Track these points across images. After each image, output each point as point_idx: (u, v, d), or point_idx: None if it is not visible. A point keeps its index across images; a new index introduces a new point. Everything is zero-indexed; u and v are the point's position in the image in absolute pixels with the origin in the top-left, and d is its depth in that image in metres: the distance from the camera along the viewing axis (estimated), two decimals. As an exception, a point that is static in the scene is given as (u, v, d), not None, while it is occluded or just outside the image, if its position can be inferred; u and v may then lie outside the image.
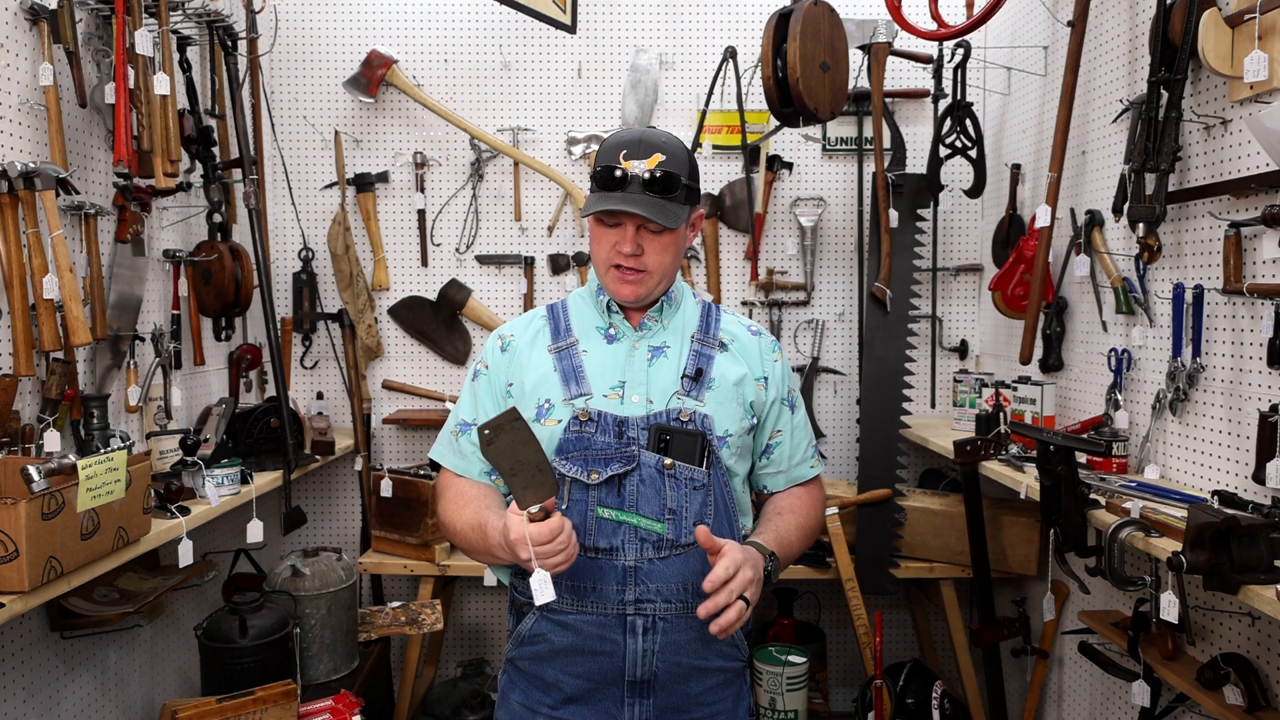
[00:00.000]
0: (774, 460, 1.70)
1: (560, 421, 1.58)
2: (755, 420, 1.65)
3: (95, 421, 2.23)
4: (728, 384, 1.62)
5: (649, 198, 1.55)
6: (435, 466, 1.85)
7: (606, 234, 1.59)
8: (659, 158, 1.56)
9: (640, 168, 1.55)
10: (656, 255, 1.58)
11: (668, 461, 1.55)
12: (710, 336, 1.66)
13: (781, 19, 2.72)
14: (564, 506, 1.55)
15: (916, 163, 3.18)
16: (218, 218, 2.80)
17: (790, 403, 1.71)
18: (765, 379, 1.67)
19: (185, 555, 2.19)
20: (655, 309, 1.66)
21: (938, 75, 2.99)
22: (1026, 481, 2.32)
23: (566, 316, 1.70)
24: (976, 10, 2.60)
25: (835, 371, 3.37)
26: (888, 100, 3.19)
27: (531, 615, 1.61)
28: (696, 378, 1.60)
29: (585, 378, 1.61)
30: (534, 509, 1.36)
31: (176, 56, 2.58)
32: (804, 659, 2.89)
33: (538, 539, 1.37)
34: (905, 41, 3.04)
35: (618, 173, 1.55)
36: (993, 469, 2.54)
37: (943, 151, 2.98)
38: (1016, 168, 3.00)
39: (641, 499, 1.55)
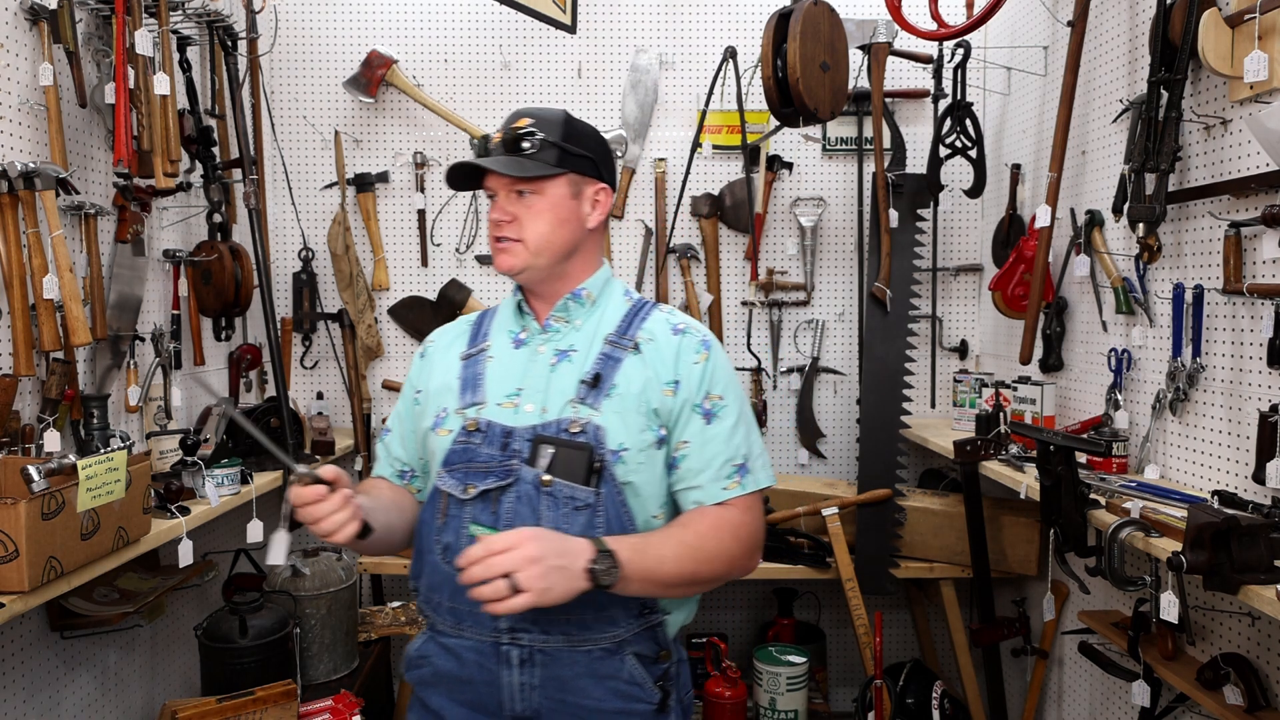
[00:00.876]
0: (680, 476, 1.48)
1: (451, 432, 1.49)
2: (664, 431, 1.47)
3: (95, 421, 2.23)
4: (631, 391, 1.46)
5: (504, 157, 1.48)
6: None
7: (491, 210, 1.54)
8: (525, 121, 1.49)
9: (504, 134, 1.51)
10: (530, 222, 1.49)
11: (545, 478, 1.41)
12: (626, 338, 1.51)
13: (781, 19, 2.72)
14: (440, 522, 1.47)
15: (916, 163, 3.18)
16: (218, 218, 2.80)
17: (707, 411, 1.48)
18: (676, 383, 1.47)
19: (185, 555, 2.19)
20: (561, 308, 1.54)
21: (938, 75, 2.99)
22: (1026, 481, 2.32)
23: (489, 322, 1.62)
24: (976, 10, 2.60)
25: (835, 371, 3.37)
26: (888, 100, 3.19)
27: (422, 635, 1.54)
28: (595, 384, 1.45)
29: (483, 385, 1.51)
30: (302, 469, 1.32)
31: (176, 56, 2.58)
32: (804, 659, 2.89)
33: (298, 499, 1.31)
34: (905, 41, 3.04)
35: (481, 140, 1.54)
36: (993, 469, 2.54)
37: (943, 151, 2.98)
38: (1016, 168, 3.00)
39: (517, 518, 1.41)
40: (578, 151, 1.51)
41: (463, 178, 1.54)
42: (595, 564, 1.31)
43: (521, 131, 1.48)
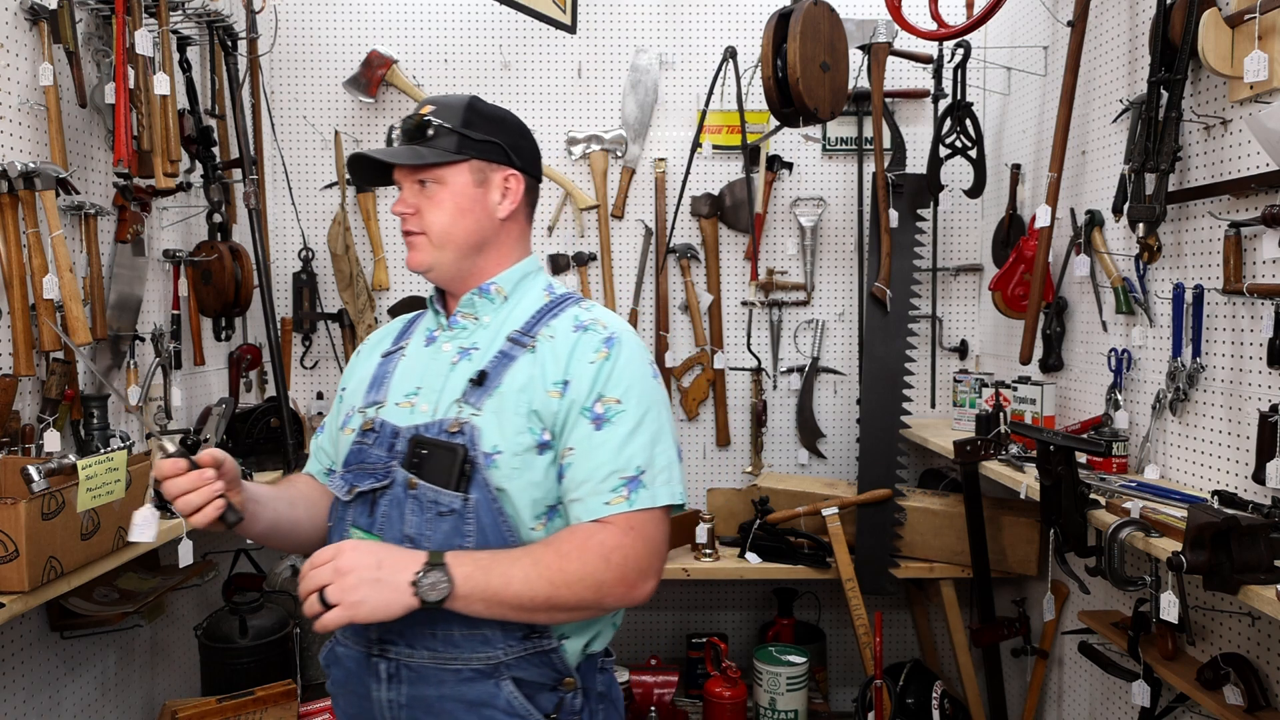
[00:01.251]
0: (565, 487, 1.34)
1: (353, 431, 1.45)
2: (548, 435, 1.34)
3: (95, 421, 2.23)
4: (512, 390, 1.35)
5: (403, 146, 1.44)
6: None
7: None
8: (427, 109, 1.44)
9: (404, 123, 1.46)
10: (430, 213, 1.42)
11: (411, 480, 1.34)
12: (529, 335, 1.41)
13: (781, 19, 2.72)
14: (331, 523, 1.45)
15: (916, 163, 3.18)
16: (218, 218, 2.80)
17: (597, 416, 1.33)
18: (565, 384, 1.34)
19: (185, 555, 2.19)
20: (467, 304, 1.46)
21: (938, 75, 2.99)
22: (1026, 481, 2.32)
23: (419, 320, 1.57)
24: (976, 10, 2.60)
25: (835, 371, 3.37)
26: (888, 100, 3.19)
27: (329, 640, 1.47)
28: (480, 382, 1.37)
29: (387, 384, 1.47)
30: (170, 446, 1.30)
31: (176, 56, 2.58)
32: (804, 659, 2.89)
33: (157, 472, 1.28)
34: (905, 41, 3.04)
35: (389, 132, 1.54)
36: (993, 469, 2.54)
37: (943, 151, 2.98)
38: (1016, 168, 3.00)
39: (388, 522, 1.35)
40: (481, 137, 1.43)
41: (367, 173, 1.49)
42: (421, 578, 1.22)
43: (421, 119, 1.42)
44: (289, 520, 1.47)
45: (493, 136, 1.44)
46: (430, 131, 1.42)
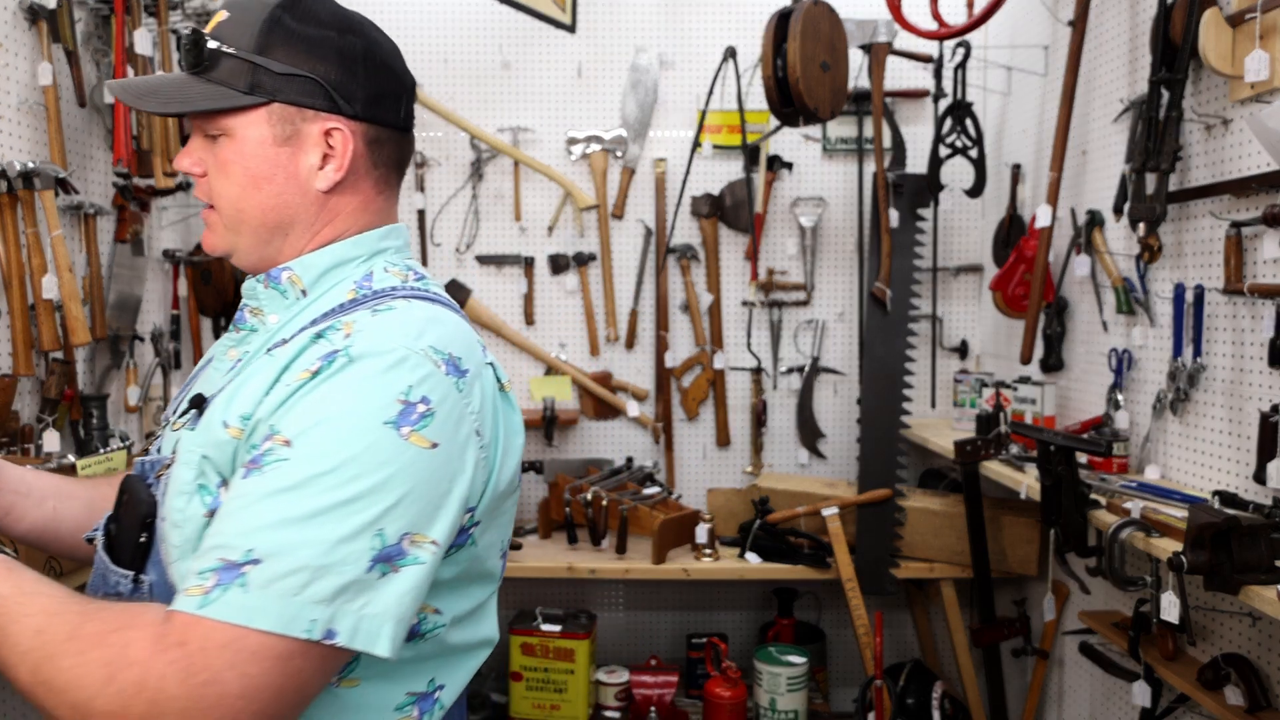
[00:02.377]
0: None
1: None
2: (223, 490, 0.92)
3: (95, 421, 2.23)
4: (201, 425, 0.96)
5: (166, 77, 1.04)
6: None
7: None
8: (219, 18, 1.01)
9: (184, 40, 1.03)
10: (217, 180, 1.02)
11: (97, 540, 1.03)
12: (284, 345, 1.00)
13: (781, 19, 2.72)
14: None
15: (916, 163, 3.18)
16: (217, 218, 2.79)
17: (255, 458, 0.87)
18: (251, 416, 0.92)
19: None
20: (249, 293, 1.06)
21: (938, 75, 2.99)
22: (1027, 481, 2.32)
23: None
24: (977, 10, 2.60)
25: (835, 371, 3.36)
26: (888, 100, 3.19)
27: None
28: (201, 410, 0.98)
29: (183, 396, 1.12)
30: None
31: (176, 56, 2.58)
32: (804, 659, 2.88)
33: None
34: (905, 41, 3.04)
35: (180, 39, 1.04)
36: (993, 469, 2.53)
37: (943, 151, 2.98)
38: (1017, 168, 3.00)
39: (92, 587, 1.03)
40: (284, 69, 0.98)
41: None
42: None
43: (195, 36, 1.00)
44: (70, 520, 1.17)
45: (302, 68, 0.98)
46: (207, 57, 0.99)
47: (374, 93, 1.02)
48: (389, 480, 0.85)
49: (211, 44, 0.99)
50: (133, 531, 0.97)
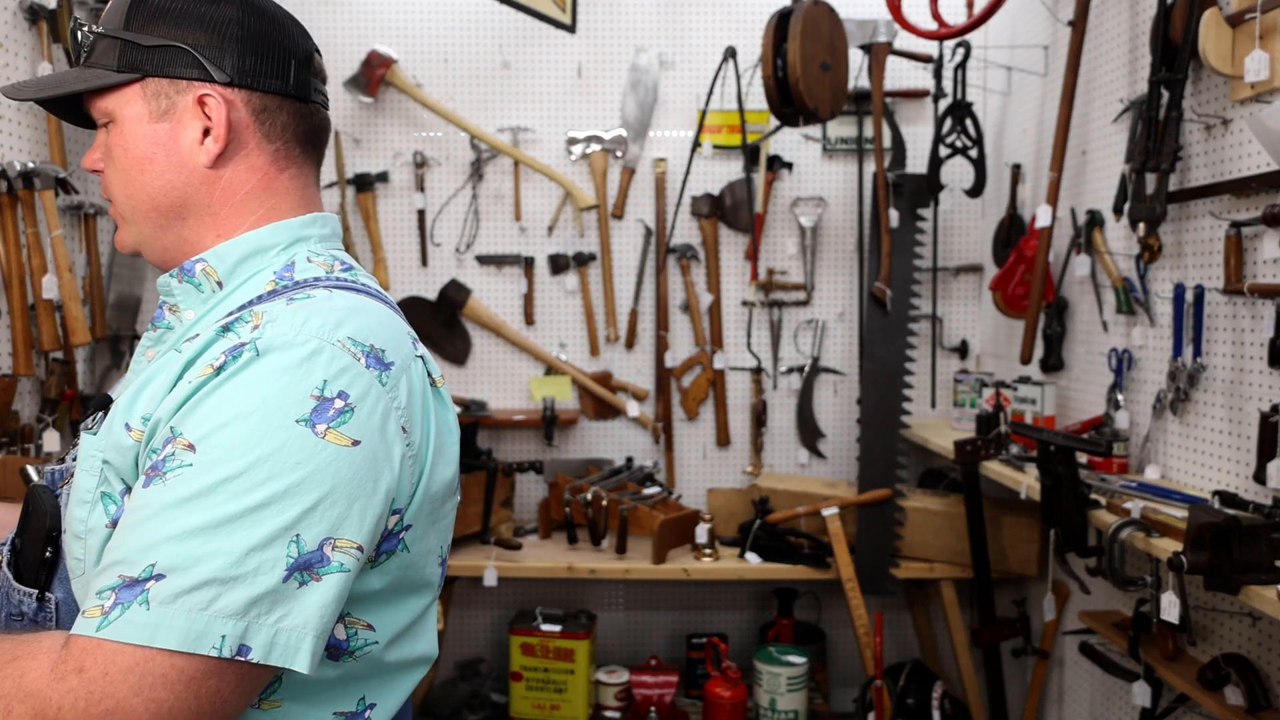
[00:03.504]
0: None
1: None
2: (126, 496, 0.86)
3: (95, 421, 2.23)
4: (111, 425, 0.89)
5: (65, 70, 1.01)
6: None
7: None
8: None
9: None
10: (108, 170, 0.99)
11: (3, 556, 0.96)
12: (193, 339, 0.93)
13: (781, 19, 2.72)
14: None
15: (916, 163, 3.18)
16: (217, 218, 2.80)
17: (156, 464, 0.80)
18: (149, 418, 0.85)
19: None
20: (164, 288, 0.99)
21: (938, 75, 2.99)
22: (1027, 481, 2.32)
23: None
24: (977, 10, 2.60)
25: (835, 371, 3.36)
26: (888, 100, 3.19)
27: None
28: (105, 409, 0.93)
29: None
30: None
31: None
32: (804, 659, 2.88)
33: None
34: (905, 41, 3.04)
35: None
36: (993, 469, 2.53)
37: (943, 151, 2.98)
38: (1017, 168, 3.00)
39: None
40: (153, 41, 0.94)
41: (62, 106, 1.03)
42: None
43: (78, 24, 0.98)
44: None
45: (171, 37, 0.94)
46: (83, 43, 0.97)
47: (252, 57, 0.96)
48: (304, 482, 0.79)
49: (86, 28, 0.97)
50: (36, 546, 0.89)
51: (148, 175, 0.96)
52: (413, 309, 3.36)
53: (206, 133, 0.96)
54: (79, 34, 0.97)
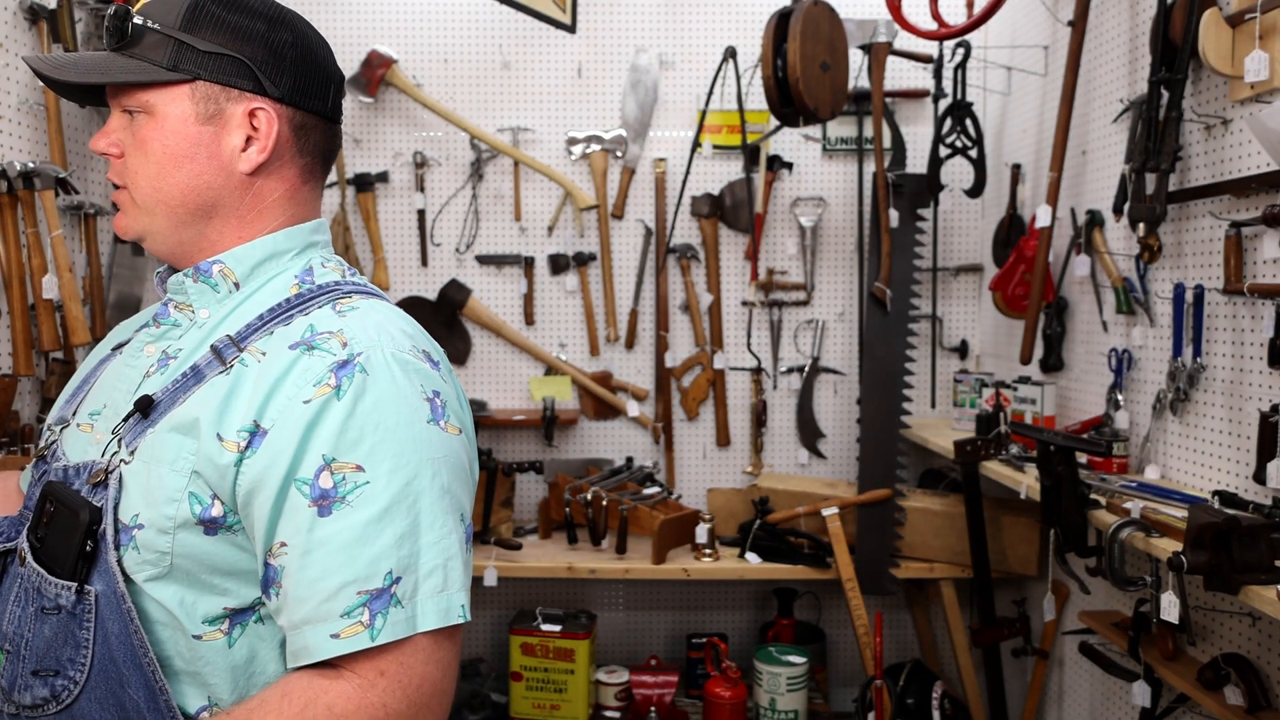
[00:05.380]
0: (276, 598, 0.91)
1: (36, 450, 1.09)
2: (218, 509, 0.92)
3: (95, 421, 2.23)
4: (175, 431, 0.93)
5: (92, 54, 1.02)
6: None
7: None
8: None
9: (108, 17, 1.02)
10: (134, 158, 1.00)
11: (21, 552, 0.97)
12: (238, 346, 0.97)
13: (781, 19, 2.72)
14: None
15: (916, 163, 3.18)
16: (217, 218, 2.80)
17: (322, 492, 0.89)
18: (256, 432, 0.90)
19: None
20: (177, 288, 1.03)
21: (938, 75, 2.99)
22: (1026, 482, 2.32)
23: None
24: (977, 10, 2.60)
25: (835, 371, 3.37)
26: (888, 100, 3.19)
27: None
28: (146, 411, 0.96)
29: (85, 393, 1.08)
30: None
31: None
32: (804, 659, 2.88)
33: None
34: (905, 41, 3.04)
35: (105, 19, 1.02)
36: (993, 469, 2.53)
37: (943, 151, 2.98)
38: (1017, 168, 3.00)
39: (2, 602, 0.99)
40: (210, 47, 0.97)
41: (68, 86, 1.05)
42: None
43: (121, 11, 0.99)
44: None
45: (229, 47, 0.98)
46: (131, 33, 0.99)
47: (301, 78, 1.02)
48: (454, 469, 0.95)
49: (137, 19, 0.98)
50: (70, 540, 0.91)
51: (183, 172, 0.99)
52: (413, 309, 3.36)
53: (248, 140, 1.01)
54: (124, 19, 0.98)
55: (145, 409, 0.96)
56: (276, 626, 0.95)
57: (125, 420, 0.97)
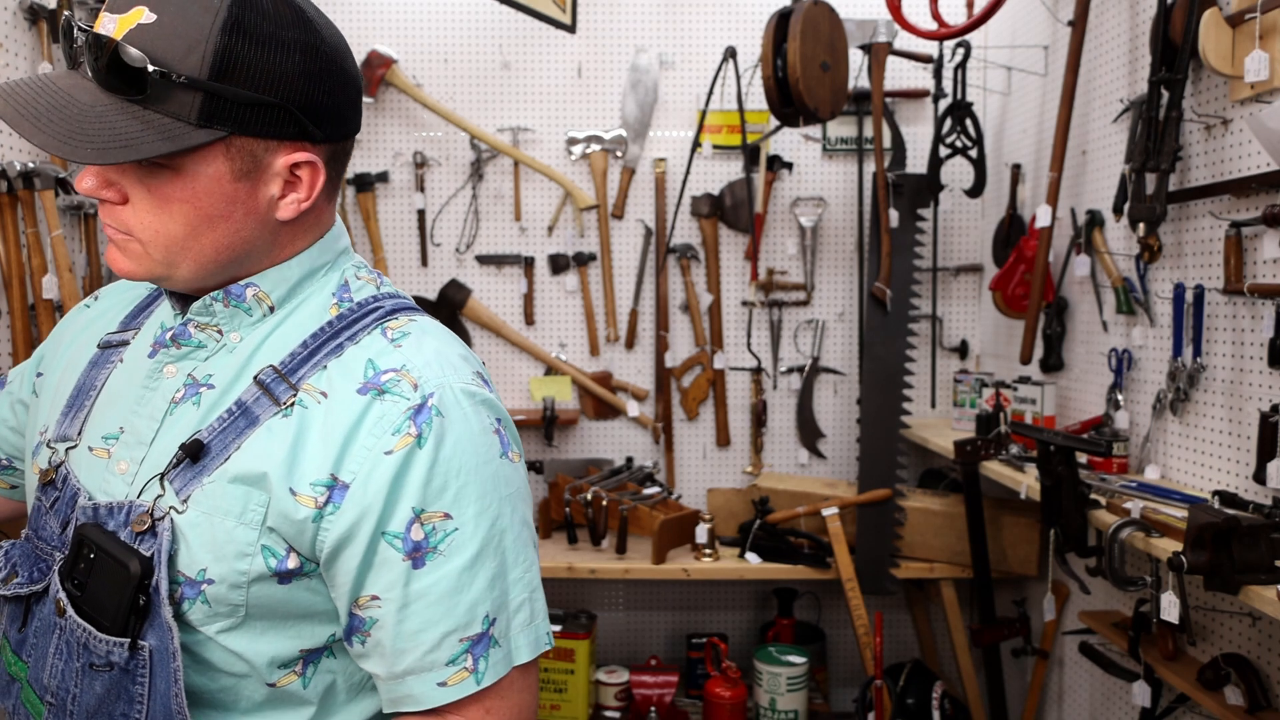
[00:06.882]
0: (369, 649, 0.91)
1: (39, 471, 0.98)
2: (294, 562, 0.89)
3: (95, 421, 2.23)
4: (239, 481, 0.88)
5: (87, 88, 0.82)
6: None
7: None
8: (139, 14, 0.80)
9: (105, 27, 0.81)
10: (149, 214, 0.86)
11: (60, 603, 0.89)
12: (289, 382, 0.90)
13: (781, 19, 2.72)
14: None
15: (916, 163, 3.18)
16: (217, 218, 2.79)
17: (415, 545, 0.87)
18: (333, 487, 0.87)
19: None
20: (203, 310, 0.93)
21: (938, 75, 2.99)
22: (1027, 481, 2.32)
23: (160, 301, 1.03)
24: (977, 10, 2.60)
25: (835, 371, 3.36)
26: (888, 100, 3.19)
27: None
28: (195, 456, 0.88)
29: (88, 409, 0.97)
30: None
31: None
32: (804, 659, 2.89)
33: None
34: (905, 41, 3.04)
35: (75, 33, 0.83)
36: (993, 469, 2.53)
37: (943, 151, 2.98)
38: (1017, 168, 3.00)
39: (36, 654, 0.92)
40: (251, 97, 0.82)
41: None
42: None
43: (115, 54, 0.79)
44: None
45: (267, 93, 0.83)
46: (144, 83, 0.80)
47: (340, 107, 0.90)
48: (525, 501, 0.97)
49: (151, 69, 0.79)
50: (120, 594, 0.85)
51: (218, 232, 0.88)
52: (413, 309, 3.36)
53: (285, 186, 0.90)
54: (142, 75, 0.79)
55: (195, 454, 0.88)
56: (349, 654, 0.96)
57: (175, 465, 0.89)
